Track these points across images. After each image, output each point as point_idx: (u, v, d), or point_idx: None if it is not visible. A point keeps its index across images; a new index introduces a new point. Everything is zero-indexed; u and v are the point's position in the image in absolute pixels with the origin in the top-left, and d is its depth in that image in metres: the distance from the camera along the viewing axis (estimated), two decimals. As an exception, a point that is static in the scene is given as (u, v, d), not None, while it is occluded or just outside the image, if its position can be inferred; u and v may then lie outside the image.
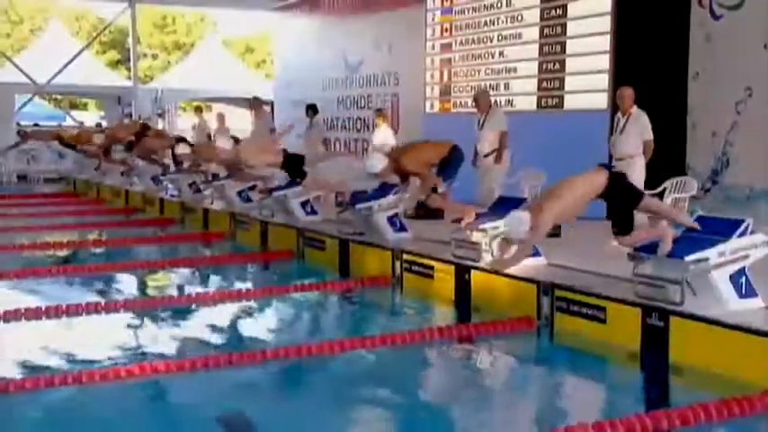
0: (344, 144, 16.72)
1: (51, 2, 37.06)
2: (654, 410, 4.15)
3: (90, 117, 32.60)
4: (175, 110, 24.38)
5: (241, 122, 22.28)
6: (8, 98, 22.00)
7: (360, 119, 16.37)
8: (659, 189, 8.07)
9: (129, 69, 28.06)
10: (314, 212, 10.17)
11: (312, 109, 14.14)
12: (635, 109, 8.27)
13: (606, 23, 10.33)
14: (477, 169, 9.76)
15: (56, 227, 11.87)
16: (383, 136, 12.76)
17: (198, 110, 21.50)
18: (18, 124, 22.20)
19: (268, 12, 21.01)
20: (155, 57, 43.20)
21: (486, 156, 9.69)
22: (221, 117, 17.96)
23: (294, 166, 10.12)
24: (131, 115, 23.38)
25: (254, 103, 15.38)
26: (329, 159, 13.10)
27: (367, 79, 16.23)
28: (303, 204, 10.17)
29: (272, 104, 22.04)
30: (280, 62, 21.09)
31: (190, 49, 36.63)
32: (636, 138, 8.21)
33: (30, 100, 22.84)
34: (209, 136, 17.54)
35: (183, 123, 24.35)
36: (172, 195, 13.53)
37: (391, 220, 8.45)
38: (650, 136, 8.21)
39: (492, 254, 6.72)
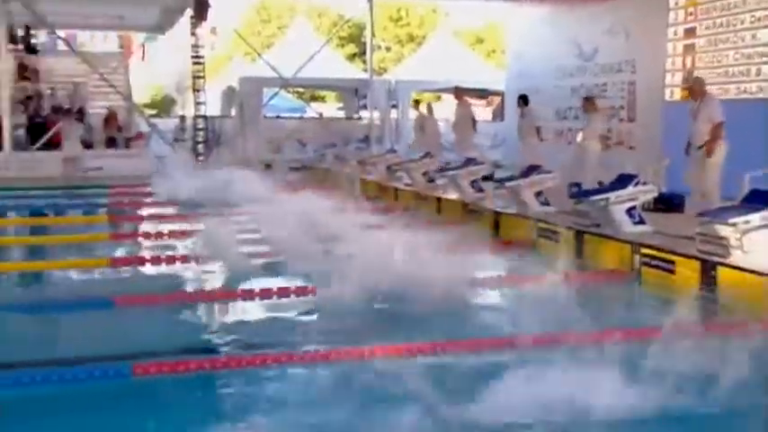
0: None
1: (297, 0, 39.37)
2: None
3: (328, 109, 34.40)
4: (408, 101, 25.03)
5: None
6: (258, 91, 23.70)
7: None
8: None
9: (365, 62, 29.22)
10: (547, 203, 10.12)
11: (523, 99, 14.34)
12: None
13: None
14: (690, 160, 9.28)
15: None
16: (598, 125, 12.26)
17: (416, 103, 21.98)
18: (264, 116, 23.93)
19: (500, 1, 21.02)
20: (388, 49, 44.61)
21: (699, 148, 9.17)
22: (430, 107, 18.46)
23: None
24: (367, 107, 24.40)
25: (457, 93, 15.59)
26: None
27: (602, 67, 15.80)
28: (537, 195, 10.15)
29: (502, 95, 22.08)
30: (511, 52, 21.05)
31: (422, 41, 37.50)
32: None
33: (276, 93, 24.44)
34: (421, 127, 18.06)
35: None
36: (406, 184, 13.99)
37: (629, 212, 8.23)
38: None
39: (742, 249, 6.37)
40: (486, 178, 11.64)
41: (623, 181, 8.38)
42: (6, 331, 6.11)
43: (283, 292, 6.84)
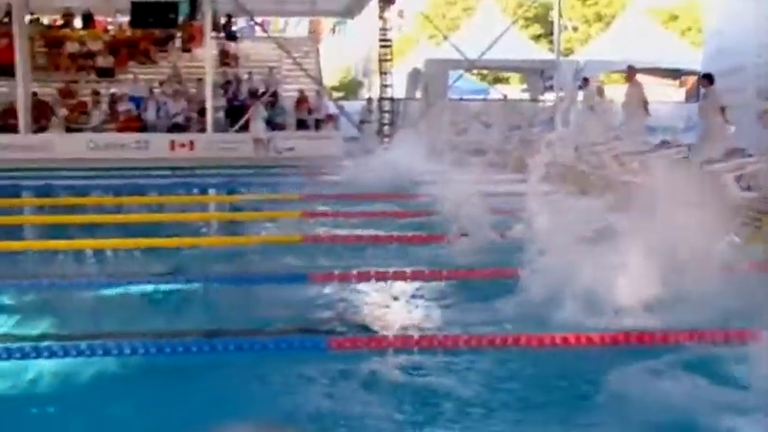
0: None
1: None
2: None
3: (512, 91, 34.00)
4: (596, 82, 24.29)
5: (665, 94, 21.53)
6: (443, 73, 23.82)
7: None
8: None
9: (550, 42, 28.62)
10: (749, 188, 9.51)
11: (707, 78, 13.48)
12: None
13: None
14: None
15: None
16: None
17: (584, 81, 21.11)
18: (449, 99, 24.03)
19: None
20: (575, 29, 43.33)
21: None
22: (600, 89, 17.69)
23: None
24: (552, 88, 23.92)
25: (629, 72, 14.84)
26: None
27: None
28: (737, 179, 9.56)
29: (698, 75, 20.91)
30: (709, 29, 19.88)
31: (611, 20, 36.16)
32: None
33: (461, 76, 24.47)
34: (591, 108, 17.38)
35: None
36: (594, 168, 13.59)
37: None
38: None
39: None
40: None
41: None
42: (211, 302, 6.54)
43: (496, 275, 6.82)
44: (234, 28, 26.15)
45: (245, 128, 21.15)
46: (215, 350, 5.01)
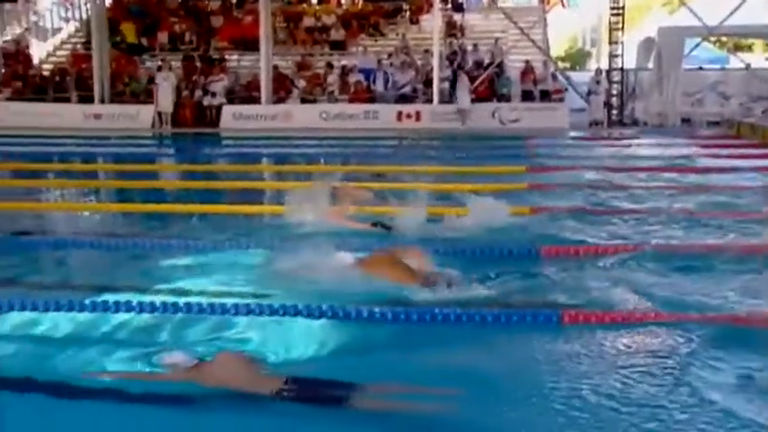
0: None
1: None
2: None
3: (755, 59, 31.52)
4: None
5: None
6: (678, 42, 22.54)
7: None
8: None
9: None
10: None
11: None
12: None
13: None
14: None
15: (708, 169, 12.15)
16: None
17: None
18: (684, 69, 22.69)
19: None
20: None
21: None
22: None
23: None
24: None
25: None
26: None
27: None
28: None
29: None
30: None
31: None
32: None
33: (698, 44, 23.00)
34: None
35: None
36: None
37: None
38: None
39: None
40: None
41: None
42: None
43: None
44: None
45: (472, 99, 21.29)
46: (447, 321, 5.14)
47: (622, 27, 21.79)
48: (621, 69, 21.93)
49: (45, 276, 6.95)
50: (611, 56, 22.10)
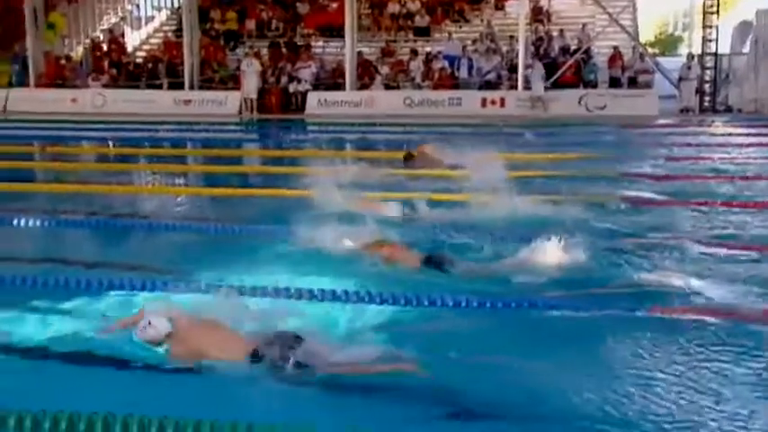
0: None
1: None
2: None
3: None
4: None
5: None
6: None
7: None
8: None
9: None
10: None
11: None
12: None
13: None
14: None
15: None
16: None
17: None
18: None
19: None
20: None
21: None
22: None
23: None
24: None
25: None
26: None
27: None
28: None
29: None
30: None
31: None
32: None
33: (798, 27, 22.02)
34: None
35: None
36: None
37: None
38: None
39: None
40: None
41: None
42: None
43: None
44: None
45: (555, 85, 20.99)
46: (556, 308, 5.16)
47: (717, 10, 21.10)
48: (715, 54, 21.26)
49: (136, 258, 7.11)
50: (705, 40, 21.45)
